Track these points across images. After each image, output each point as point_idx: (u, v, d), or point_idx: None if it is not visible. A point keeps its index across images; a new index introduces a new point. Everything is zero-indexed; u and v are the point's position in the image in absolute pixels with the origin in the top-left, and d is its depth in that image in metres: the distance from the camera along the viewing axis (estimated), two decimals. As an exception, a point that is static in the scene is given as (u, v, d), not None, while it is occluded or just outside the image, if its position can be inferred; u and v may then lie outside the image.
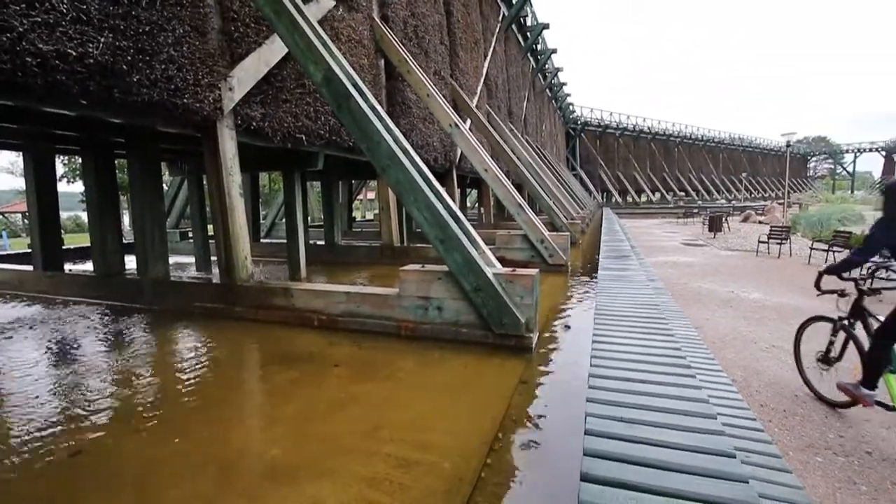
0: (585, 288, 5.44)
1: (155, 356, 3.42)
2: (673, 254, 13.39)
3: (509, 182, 8.05)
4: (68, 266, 7.48)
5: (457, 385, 2.79)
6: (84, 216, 20.75)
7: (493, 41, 14.50)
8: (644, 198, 46.65)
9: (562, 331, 3.82)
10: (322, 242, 9.14)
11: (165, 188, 12.31)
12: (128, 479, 1.87)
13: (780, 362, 4.88)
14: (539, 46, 24.53)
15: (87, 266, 6.83)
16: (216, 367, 3.17)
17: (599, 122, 45.99)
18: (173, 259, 6.68)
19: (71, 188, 22.27)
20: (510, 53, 17.86)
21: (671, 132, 53.91)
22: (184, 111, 3.91)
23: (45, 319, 4.47)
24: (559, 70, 30.21)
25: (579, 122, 43.62)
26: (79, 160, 13.78)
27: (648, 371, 2.54)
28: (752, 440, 2.11)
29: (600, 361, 2.68)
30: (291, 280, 5.86)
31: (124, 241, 5.87)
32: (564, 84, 34.08)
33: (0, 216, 27.53)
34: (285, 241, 6.36)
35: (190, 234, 8.98)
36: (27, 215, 6.26)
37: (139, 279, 5.09)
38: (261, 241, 9.89)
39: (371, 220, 20.40)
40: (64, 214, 27.74)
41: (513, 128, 16.21)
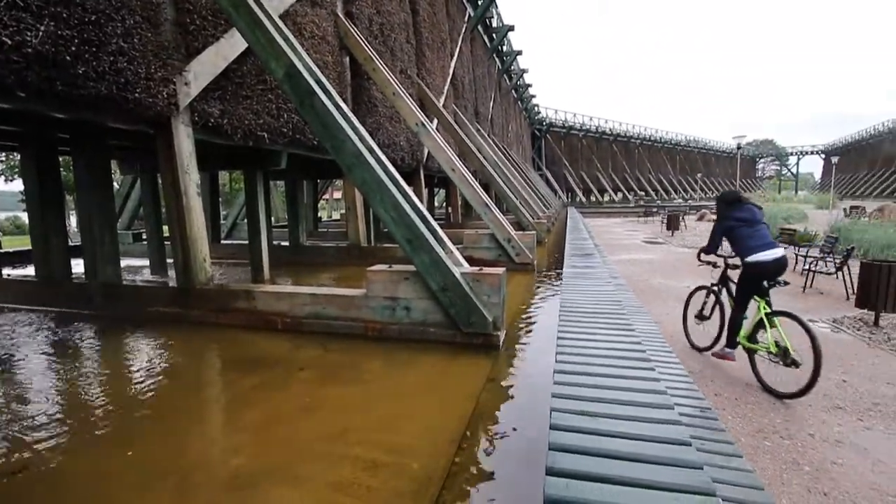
0: (551, 286, 5.56)
1: (105, 365, 3.23)
2: (634, 251, 13.87)
3: (476, 182, 8.11)
4: (6, 270, 6.97)
5: (425, 385, 2.79)
6: (25, 217, 19.32)
7: (460, 41, 14.57)
8: (607, 197, 48.13)
9: (528, 328, 3.89)
10: (286, 243, 8.90)
11: (117, 187, 11.67)
12: (76, 497, 1.76)
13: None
14: (505, 48, 24.85)
15: (29, 270, 6.37)
16: (173, 375, 3.03)
17: (564, 124, 47.10)
18: (126, 262, 6.34)
19: (9, 187, 20.74)
20: (476, 54, 17.99)
21: (631, 134, 55.93)
22: (135, 106, 3.72)
23: (-20, 329, 4.14)
24: (524, 71, 30.72)
25: (545, 123, 44.51)
26: (17, 156, 12.78)
27: (611, 365, 2.62)
28: (707, 428, 2.22)
29: (565, 357, 2.75)
30: (254, 282, 5.68)
31: (70, 244, 5.51)
32: (530, 85, 34.69)
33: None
34: (247, 243, 6.16)
35: (144, 236, 8.56)
36: (-42, 216, 5.80)
37: (87, 284, 4.79)
38: (221, 243, 9.52)
39: (338, 220, 20.04)
40: (0, 215, 25.76)
41: (480, 128, 16.34)
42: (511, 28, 22.26)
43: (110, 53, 3.47)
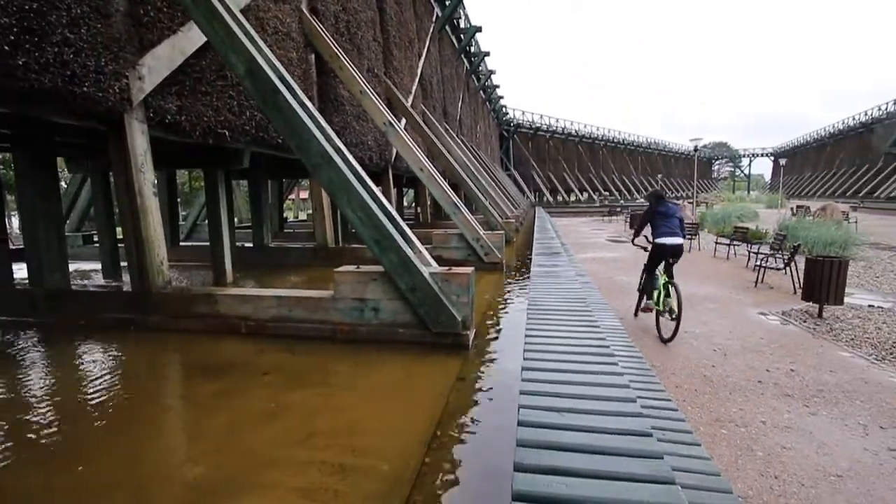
0: (519, 284, 5.63)
1: (52, 376, 3.03)
2: (599, 250, 14.26)
3: (445, 182, 8.11)
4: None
5: (394, 386, 2.77)
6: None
7: (428, 41, 14.55)
8: (573, 197, 49.28)
9: (497, 327, 3.93)
10: (250, 245, 8.64)
11: (64, 186, 10.99)
12: (17, 518, 1.64)
13: (692, 348, 5.37)
14: (473, 49, 25.02)
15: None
16: (128, 384, 2.88)
17: (531, 125, 47.89)
18: (75, 265, 5.99)
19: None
20: (444, 54, 18.02)
21: (596, 135, 57.53)
22: (84, 101, 3.50)
23: None
24: (492, 73, 31.03)
25: (512, 124, 45.11)
26: (-48, 154, 11.73)
27: (577, 361, 2.68)
28: (667, 419, 2.30)
29: (532, 355, 2.79)
30: (216, 285, 5.47)
31: (12, 247, 5.15)
32: (498, 86, 35.07)
33: None
34: (208, 244, 5.93)
35: (95, 238, 8.09)
36: None
37: (31, 289, 4.48)
38: (180, 245, 9.12)
39: (304, 221, 19.62)
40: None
41: (448, 128, 16.38)
42: (479, 29, 22.44)
43: (55, 44, 3.26)
